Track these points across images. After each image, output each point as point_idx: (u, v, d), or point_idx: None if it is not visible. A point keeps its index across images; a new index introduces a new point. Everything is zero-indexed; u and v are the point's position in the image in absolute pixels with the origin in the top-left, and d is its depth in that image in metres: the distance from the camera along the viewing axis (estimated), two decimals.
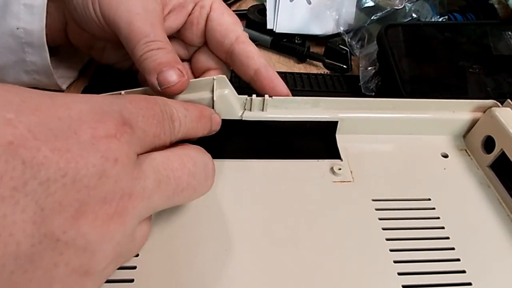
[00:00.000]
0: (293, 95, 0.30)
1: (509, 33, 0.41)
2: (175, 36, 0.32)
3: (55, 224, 0.15)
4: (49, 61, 0.32)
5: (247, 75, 0.30)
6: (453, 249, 0.25)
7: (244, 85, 0.31)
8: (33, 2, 0.29)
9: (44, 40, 0.30)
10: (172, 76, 0.25)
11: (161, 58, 0.25)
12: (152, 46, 0.26)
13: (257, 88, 0.30)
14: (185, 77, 0.25)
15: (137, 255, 0.23)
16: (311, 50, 0.45)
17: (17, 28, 0.30)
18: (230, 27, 0.30)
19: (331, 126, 0.31)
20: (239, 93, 0.29)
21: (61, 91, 0.36)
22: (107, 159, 0.16)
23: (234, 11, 0.33)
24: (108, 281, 0.21)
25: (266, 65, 0.30)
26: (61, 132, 0.15)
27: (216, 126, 0.27)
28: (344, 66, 0.44)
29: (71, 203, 0.15)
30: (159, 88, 0.25)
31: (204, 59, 0.32)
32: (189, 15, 0.31)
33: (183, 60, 0.33)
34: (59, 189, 0.15)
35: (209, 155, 0.23)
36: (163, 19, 0.29)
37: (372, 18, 0.44)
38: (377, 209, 0.27)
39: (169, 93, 0.25)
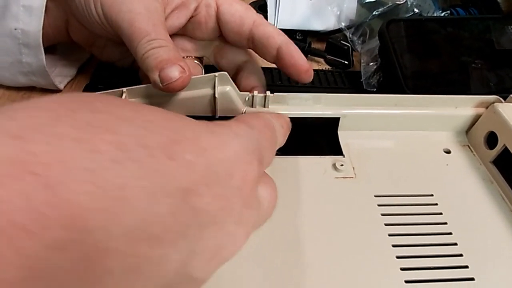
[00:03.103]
0: (295, 91, 0.30)
1: None
2: (184, 34, 0.32)
3: (195, 264, 0.15)
4: (45, 63, 0.32)
5: (270, 56, 0.30)
6: (455, 244, 0.25)
7: None
8: (32, 4, 0.30)
9: (40, 42, 0.31)
10: (174, 72, 0.25)
11: (162, 55, 0.25)
12: (154, 44, 0.26)
13: (281, 67, 0.30)
14: (187, 73, 0.25)
15: None
16: (312, 46, 0.45)
17: (15, 29, 0.30)
18: (243, 14, 0.30)
19: (333, 122, 0.31)
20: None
21: (59, 91, 0.36)
22: (246, 206, 0.17)
23: None
24: None
25: (287, 41, 0.29)
26: (221, 177, 0.16)
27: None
28: (346, 62, 0.44)
29: (211, 248, 0.16)
30: (161, 85, 0.25)
31: (248, 78, 0.32)
32: (195, 15, 0.31)
33: (194, 55, 0.34)
34: (206, 235, 0.15)
35: None
36: (164, 18, 0.29)
37: (373, 13, 0.44)
38: (379, 205, 0.27)
39: (171, 90, 0.25)
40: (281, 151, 0.30)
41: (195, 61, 0.33)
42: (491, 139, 0.30)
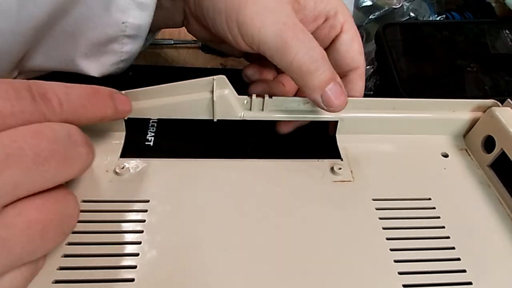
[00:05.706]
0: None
1: (506, 31, 0.41)
2: None
3: None
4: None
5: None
6: (453, 248, 0.25)
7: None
8: (143, 0, 0.28)
9: (145, 34, 0.30)
10: (340, 98, 0.25)
11: (324, 73, 0.25)
12: (314, 57, 0.25)
13: None
14: (345, 95, 0.26)
15: (138, 254, 0.23)
16: None
17: (123, 23, 0.28)
18: (356, 57, 0.30)
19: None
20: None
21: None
22: None
23: None
24: (108, 281, 0.21)
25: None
26: None
27: (124, 105, 0.24)
28: None
29: None
30: (324, 107, 0.26)
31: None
32: (317, 29, 0.30)
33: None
34: None
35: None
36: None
37: (370, 17, 0.45)
38: (377, 209, 0.27)
39: (335, 111, 0.26)
40: (280, 155, 0.30)
41: None
42: (489, 143, 0.30)
